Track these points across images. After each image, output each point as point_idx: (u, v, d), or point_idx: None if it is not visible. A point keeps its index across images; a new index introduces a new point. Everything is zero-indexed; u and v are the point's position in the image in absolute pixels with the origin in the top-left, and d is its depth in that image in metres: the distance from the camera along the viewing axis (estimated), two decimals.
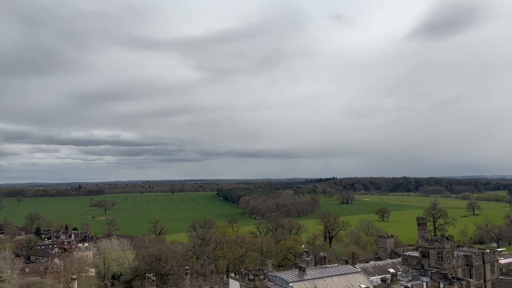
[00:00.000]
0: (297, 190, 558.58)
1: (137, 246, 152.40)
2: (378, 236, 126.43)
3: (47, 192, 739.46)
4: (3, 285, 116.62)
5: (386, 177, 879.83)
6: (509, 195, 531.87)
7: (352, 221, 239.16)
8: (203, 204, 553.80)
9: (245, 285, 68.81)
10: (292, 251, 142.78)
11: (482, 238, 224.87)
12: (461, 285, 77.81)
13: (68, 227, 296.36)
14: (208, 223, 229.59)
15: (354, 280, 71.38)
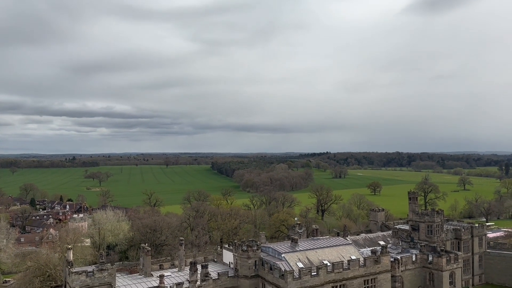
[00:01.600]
0: (291, 164, 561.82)
1: (132, 217, 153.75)
2: (370, 209, 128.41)
3: (41, 163, 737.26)
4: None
5: (379, 152, 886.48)
6: (500, 171, 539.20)
7: (345, 195, 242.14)
8: (197, 177, 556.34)
9: (239, 255, 70.26)
10: (285, 223, 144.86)
11: (471, 213, 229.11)
12: (449, 258, 79.86)
13: (62, 198, 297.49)
14: (202, 196, 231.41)
15: (345, 252, 72.97)
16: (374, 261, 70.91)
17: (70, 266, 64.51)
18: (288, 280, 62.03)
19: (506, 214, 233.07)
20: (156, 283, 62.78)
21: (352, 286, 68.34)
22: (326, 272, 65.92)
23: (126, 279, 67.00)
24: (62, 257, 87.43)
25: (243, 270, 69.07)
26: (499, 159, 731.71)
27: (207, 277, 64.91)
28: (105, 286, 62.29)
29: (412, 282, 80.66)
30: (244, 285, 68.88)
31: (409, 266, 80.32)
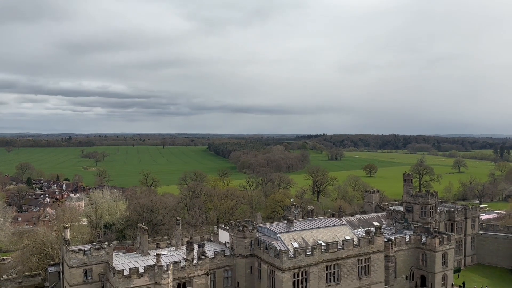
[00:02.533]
0: (287, 146, 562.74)
1: (128, 197, 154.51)
2: (365, 191, 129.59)
3: (37, 143, 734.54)
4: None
5: (375, 134, 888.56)
6: (494, 154, 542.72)
7: (340, 176, 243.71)
8: (194, 158, 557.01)
9: (235, 235, 71.07)
10: (281, 204, 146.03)
11: (465, 195, 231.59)
12: (443, 239, 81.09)
13: (59, 178, 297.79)
14: (199, 176, 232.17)
15: (340, 232, 73.90)
16: (368, 242, 71.94)
17: (67, 244, 65.11)
18: (283, 259, 62.96)
19: (499, 196, 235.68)
20: (153, 261, 63.56)
21: (346, 265, 69.47)
22: (321, 252, 66.89)
23: (123, 257, 67.75)
24: (59, 235, 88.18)
25: (239, 250, 69.99)
26: (495, 142, 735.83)
27: (203, 256, 65.75)
28: (102, 264, 63.06)
29: (405, 262, 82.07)
30: (240, 264, 69.89)
31: (402, 247, 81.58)
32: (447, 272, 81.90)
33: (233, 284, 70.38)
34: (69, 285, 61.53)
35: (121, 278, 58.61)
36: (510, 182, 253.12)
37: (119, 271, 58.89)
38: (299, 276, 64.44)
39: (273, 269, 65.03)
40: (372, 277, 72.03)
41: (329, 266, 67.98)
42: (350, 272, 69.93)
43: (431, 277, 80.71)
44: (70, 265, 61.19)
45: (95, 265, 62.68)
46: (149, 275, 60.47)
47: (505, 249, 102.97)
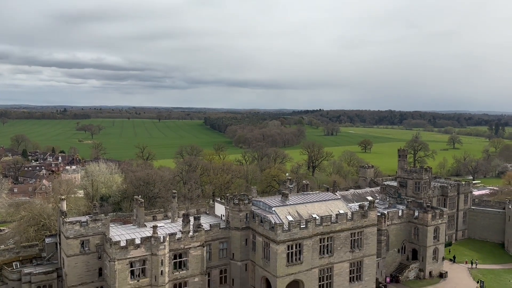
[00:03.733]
0: (283, 121, 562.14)
1: (125, 170, 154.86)
2: (359, 166, 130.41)
3: (32, 115, 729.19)
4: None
5: (372, 110, 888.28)
6: (489, 130, 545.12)
7: (336, 152, 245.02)
8: (190, 132, 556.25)
9: (231, 208, 71.83)
10: (276, 178, 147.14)
11: (459, 171, 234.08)
12: (435, 214, 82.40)
13: (55, 150, 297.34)
14: (195, 150, 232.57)
15: (334, 206, 74.82)
16: (362, 215, 72.99)
17: (64, 216, 65.64)
18: (278, 232, 63.92)
19: (492, 172, 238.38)
20: (149, 233, 64.37)
21: (339, 238, 70.69)
22: (315, 225, 67.89)
23: (120, 229, 68.52)
24: (56, 207, 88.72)
25: (235, 222, 70.90)
26: (490, 119, 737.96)
27: (199, 228, 66.60)
28: (99, 235, 63.82)
29: (397, 235, 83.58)
30: (235, 236, 70.94)
31: (395, 221, 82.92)
32: (439, 246, 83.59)
33: (229, 256, 71.64)
34: (66, 255, 62.40)
35: (118, 249, 59.46)
36: (504, 158, 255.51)
37: (116, 242, 59.69)
38: (293, 248, 65.62)
39: (267, 242, 66.11)
40: (365, 250, 73.45)
41: (322, 239, 69.14)
42: (343, 245, 71.24)
43: (422, 251, 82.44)
44: (67, 236, 61.89)
45: (92, 236, 63.43)
46: (145, 246, 61.37)
47: (496, 224, 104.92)
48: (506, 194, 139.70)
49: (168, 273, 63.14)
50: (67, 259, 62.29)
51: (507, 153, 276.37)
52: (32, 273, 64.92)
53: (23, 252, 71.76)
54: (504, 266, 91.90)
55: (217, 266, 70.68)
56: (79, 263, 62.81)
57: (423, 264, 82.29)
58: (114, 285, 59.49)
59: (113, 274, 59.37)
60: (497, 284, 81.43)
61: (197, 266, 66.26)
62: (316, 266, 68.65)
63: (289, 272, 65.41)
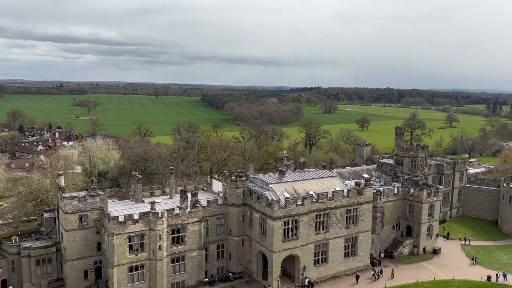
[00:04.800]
0: (281, 99, 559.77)
1: (122, 146, 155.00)
2: (356, 144, 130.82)
3: (28, 90, 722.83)
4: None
5: (370, 88, 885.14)
6: (487, 109, 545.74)
7: (333, 129, 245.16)
8: (187, 108, 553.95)
9: (228, 185, 72.32)
10: (274, 156, 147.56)
11: (455, 149, 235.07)
12: (430, 191, 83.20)
13: (51, 126, 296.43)
14: (192, 127, 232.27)
15: (330, 184, 75.40)
16: (357, 193, 73.67)
17: (62, 191, 65.97)
18: (275, 208, 64.59)
19: (488, 151, 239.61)
20: (147, 208, 64.92)
21: (335, 215, 71.54)
22: (311, 202, 68.57)
23: (118, 204, 69.03)
24: (54, 183, 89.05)
25: (232, 199, 71.51)
26: (488, 97, 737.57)
27: (197, 204, 67.20)
28: (97, 211, 64.35)
29: (392, 212, 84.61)
30: (232, 213, 71.68)
31: (390, 198, 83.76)
32: (433, 222, 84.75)
33: (226, 231, 72.55)
34: (65, 230, 63.04)
35: (116, 224, 60.09)
36: (500, 137, 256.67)
37: (114, 217, 60.26)
38: (289, 224, 66.44)
39: (264, 218, 66.87)
40: (360, 226, 74.48)
41: (318, 215, 69.96)
42: (339, 221, 72.16)
43: (417, 227, 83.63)
44: (66, 211, 62.36)
45: (90, 211, 63.95)
46: (144, 222, 62.03)
47: (490, 201, 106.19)
48: (501, 172, 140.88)
49: (166, 248, 64.06)
50: (66, 233, 62.96)
51: (504, 131, 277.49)
52: (31, 247, 65.69)
53: (22, 227, 72.39)
54: (497, 243, 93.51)
55: (215, 241, 71.68)
56: (78, 238, 63.56)
57: (417, 241, 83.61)
58: (113, 259, 60.39)
59: (112, 249, 60.18)
60: (489, 260, 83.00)
61: (194, 241, 67.19)
62: (312, 241, 69.71)
63: (285, 247, 66.45)
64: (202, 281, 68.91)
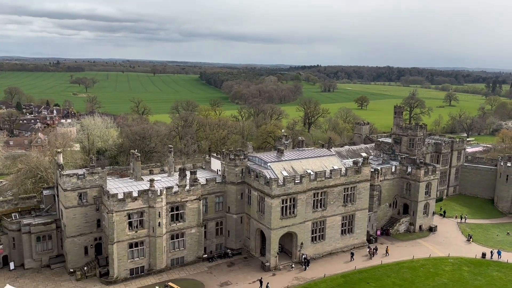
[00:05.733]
0: (280, 77, 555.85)
1: (120, 124, 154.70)
2: (355, 123, 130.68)
3: (25, 67, 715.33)
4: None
5: (370, 66, 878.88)
6: (486, 88, 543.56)
7: (332, 108, 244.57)
8: (185, 86, 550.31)
9: (226, 164, 72.54)
10: (272, 135, 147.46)
11: (454, 128, 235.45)
12: (428, 170, 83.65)
13: (49, 103, 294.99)
14: (190, 106, 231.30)
15: (328, 162, 75.70)
16: (355, 171, 74.04)
17: (60, 169, 66.13)
18: (273, 186, 64.97)
19: (487, 130, 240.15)
20: (146, 186, 65.27)
21: (332, 193, 72.07)
22: (309, 180, 68.95)
23: (117, 182, 69.31)
24: (52, 160, 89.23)
25: (230, 177, 71.83)
26: (488, 76, 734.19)
27: (195, 182, 67.54)
28: (97, 188, 64.67)
29: (390, 191, 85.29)
30: (231, 191, 72.13)
31: (388, 176, 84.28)
32: (430, 201, 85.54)
33: (224, 209, 73.18)
34: (65, 207, 63.48)
35: (116, 201, 60.51)
36: (499, 116, 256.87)
37: (114, 195, 60.62)
38: (287, 202, 66.99)
39: (263, 196, 67.36)
40: (357, 204, 75.17)
41: (316, 193, 70.48)
42: (336, 199, 72.77)
43: (413, 205, 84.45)
44: (65, 188, 62.65)
45: (90, 188, 64.27)
46: (143, 199, 62.48)
47: (487, 180, 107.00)
48: (499, 151, 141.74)
49: (165, 225, 64.73)
50: (65, 210, 63.44)
51: (503, 111, 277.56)
52: (31, 224, 66.28)
53: (22, 204, 72.87)
54: (492, 221, 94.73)
55: (213, 219, 72.38)
56: (78, 215, 64.09)
57: (414, 218, 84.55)
58: (112, 236, 61.07)
59: (112, 225, 60.78)
60: (484, 237, 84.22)
61: (193, 218, 67.85)
62: (309, 219, 70.45)
63: (283, 224, 67.18)
64: (201, 257, 69.93)
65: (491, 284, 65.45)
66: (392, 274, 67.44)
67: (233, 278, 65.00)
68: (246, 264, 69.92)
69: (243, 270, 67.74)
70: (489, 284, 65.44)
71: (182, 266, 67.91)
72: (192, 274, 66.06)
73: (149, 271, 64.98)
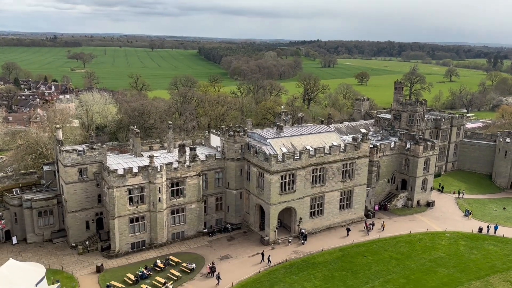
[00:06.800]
0: (280, 52, 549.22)
1: (119, 100, 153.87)
2: (355, 98, 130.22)
3: (21, 42, 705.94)
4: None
5: (371, 41, 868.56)
6: (488, 63, 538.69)
7: (332, 84, 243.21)
8: (184, 62, 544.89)
9: (226, 140, 72.62)
10: (272, 111, 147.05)
11: (454, 104, 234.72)
12: (427, 145, 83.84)
13: (47, 79, 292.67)
14: (189, 82, 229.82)
15: (327, 138, 75.77)
16: (354, 147, 74.22)
17: (60, 144, 66.21)
18: (272, 163, 65.24)
19: (487, 106, 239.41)
20: (146, 162, 65.52)
21: (331, 169, 72.45)
22: (308, 156, 69.20)
23: (117, 158, 69.51)
24: (52, 136, 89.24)
25: (230, 153, 72.05)
26: (489, 51, 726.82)
27: (195, 159, 67.78)
28: (97, 164, 64.93)
29: (388, 166, 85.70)
30: (230, 167, 72.47)
31: (387, 152, 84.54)
32: (428, 176, 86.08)
33: (224, 185, 73.70)
34: (65, 183, 63.89)
35: (116, 177, 60.86)
36: (499, 92, 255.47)
37: (114, 171, 60.92)
38: (286, 178, 67.41)
39: (262, 172, 67.72)
40: (356, 180, 75.69)
41: (315, 169, 70.84)
42: (335, 175, 73.22)
43: (412, 181, 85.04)
44: (65, 164, 62.90)
45: (89, 164, 64.54)
46: (143, 175, 62.83)
47: (485, 156, 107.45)
48: (498, 127, 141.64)
49: (166, 200, 65.33)
50: (66, 186, 63.88)
51: (503, 86, 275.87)
52: (32, 199, 66.87)
53: (22, 179, 73.31)
54: (490, 196, 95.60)
55: (213, 194, 72.99)
56: (78, 190, 64.58)
57: (412, 194, 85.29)
58: (113, 211, 61.72)
59: (112, 201, 61.34)
60: (481, 212, 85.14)
61: (193, 194, 68.43)
62: (308, 194, 71.07)
63: (282, 200, 67.82)
64: (202, 232, 70.89)
65: (486, 257, 66.58)
66: (389, 248, 68.54)
67: (233, 251, 66.09)
68: (246, 238, 70.95)
69: (242, 244, 68.80)
70: (485, 257, 66.57)
71: (183, 240, 68.93)
72: (193, 248, 67.13)
73: (150, 245, 65.99)
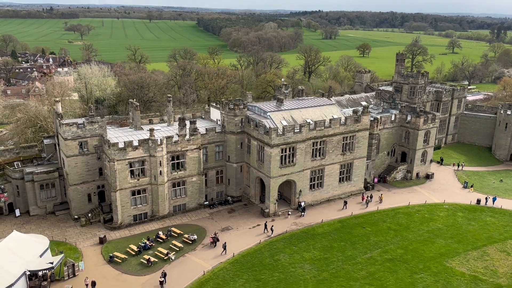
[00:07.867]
0: (280, 23, 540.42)
1: (118, 73, 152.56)
2: (356, 71, 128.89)
3: (17, 13, 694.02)
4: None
5: (373, 12, 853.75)
6: (491, 34, 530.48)
7: (333, 56, 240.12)
8: (183, 34, 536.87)
9: (226, 113, 72.38)
10: (272, 84, 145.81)
11: (455, 76, 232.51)
12: (427, 118, 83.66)
13: (45, 51, 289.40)
14: (189, 54, 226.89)
15: (328, 111, 75.50)
16: (355, 120, 74.06)
17: (60, 118, 66.06)
18: (272, 136, 65.24)
19: (489, 78, 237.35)
20: (146, 135, 65.55)
21: (331, 142, 72.54)
22: (308, 130, 69.14)
23: (117, 131, 69.50)
24: (51, 109, 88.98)
25: (230, 127, 71.95)
26: (493, 22, 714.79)
27: (195, 132, 67.75)
28: (97, 137, 64.96)
29: (388, 139, 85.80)
30: (230, 140, 72.53)
31: (387, 125, 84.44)
32: (428, 149, 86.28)
33: (224, 158, 73.96)
34: (66, 156, 64.10)
35: (117, 150, 61.01)
36: (502, 64, 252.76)
37: (114, 144, 61.01)
38: (286, 151, 67.57)
39: (262, 145, 67.81)
40: (356, 153, 75.90)
41: (315, 142, 70.92)
42: (335, 148, 73.37)
43: (411, 153, 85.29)
44: (65, 137, 62.94)
45: (90, 138, 64.59)
46: (143, 148, 62.96)
47: (485, 128, 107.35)
48: (499, 99, 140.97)
49: (166, 173, 65.72)
50: (67, 159, 64.12)
51: (506, 58, 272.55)
52: (34, 172, 67.26)
53: (23, 153, 73.57)
54: (489, 168, 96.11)
55: (214, 168, 73.35)
56: (79, 163, 64.87)
57: (411, 166, 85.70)
58: (115, 184, 62.19)
59: (114, 174, 61.70)
60: (480, 184, 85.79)
61: (194, 167, 68.76)
62: (308, 167, 71.42)
63: (282, 173, 68.19)
64: (203, 204, 71.67)
65: (484, 228, 67.55)
66: (388, 219, 69.44)
67: (234, 223, 67.02)
68: (246, 210, 71.79)
69: (243, 216, 69.68)
70: (482, 228, 67.53)
71: (184, 213, 69.78)
72: (194, 220, 68.04)
73: (152, 217, 66.85)
